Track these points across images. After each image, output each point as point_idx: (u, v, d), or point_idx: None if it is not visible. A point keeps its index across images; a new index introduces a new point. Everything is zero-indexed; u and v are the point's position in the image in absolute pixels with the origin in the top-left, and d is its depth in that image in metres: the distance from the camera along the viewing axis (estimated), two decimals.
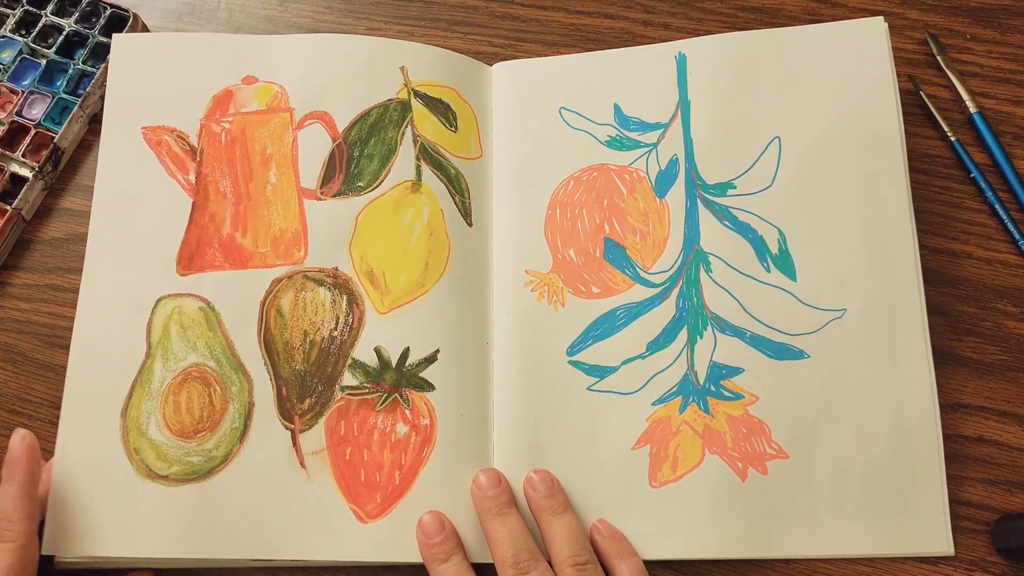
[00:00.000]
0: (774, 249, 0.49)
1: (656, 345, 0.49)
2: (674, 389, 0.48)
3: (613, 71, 0.54)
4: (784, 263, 0.49)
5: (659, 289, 0.50)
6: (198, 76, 0.54)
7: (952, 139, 0.53)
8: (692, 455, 0.47)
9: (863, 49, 0.51)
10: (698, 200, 0.51)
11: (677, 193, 0.51)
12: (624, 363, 0.48)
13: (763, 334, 0.48)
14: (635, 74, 0.54)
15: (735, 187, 0.50)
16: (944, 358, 0.49)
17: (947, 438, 0.46)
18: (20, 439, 0.44)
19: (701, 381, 0.48)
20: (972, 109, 0.53)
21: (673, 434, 0.47)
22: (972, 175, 0.52)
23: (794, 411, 0.47)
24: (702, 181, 0.51)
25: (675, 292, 0.49)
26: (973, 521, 0.46)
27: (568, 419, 0.48)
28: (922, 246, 0.50)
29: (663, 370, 0.48)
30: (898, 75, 0.51)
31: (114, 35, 0.55)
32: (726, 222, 0.50)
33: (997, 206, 0.51)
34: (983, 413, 0.48)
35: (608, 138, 0.53)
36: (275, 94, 0.53)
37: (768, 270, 0.49)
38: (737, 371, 0.48)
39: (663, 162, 0.52)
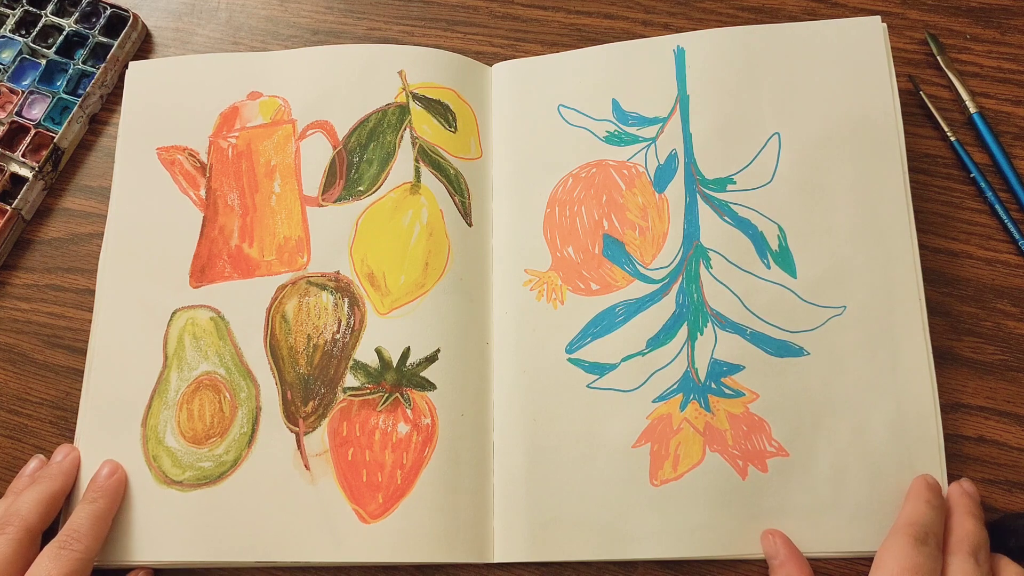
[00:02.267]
0: (774, 245, 0.49)
1: (656, 342, 0.48)
2: (675, 386, 0.48)
3: (611, 66, 0.54)
4: (784, 260, 0.49)
5: (659, 285, 0.49)
6: (206, 95, 0.55)
7: (952, 139, 0.53)
8: (693, 453, 0.46)
9: (860, 46, 0.51)
10: (697, 195, 0.50)
11: (676, 188, 0.51)
12: (624, 360, 0.48)
13: (763, 331, 0.48)
14: (633, 69, 0.54)
15: (735, 182, 0.50)
16: (944, 358, 0.49)
17: (947, 438, 0.46)
18: (111, 471, 0.47)
19: (702, 378, 0.48)
20: (972, 109, 0.53)
21: (674, 432, 0.47)
22: (972, 175, 0.52)
23: (794, 409, 0.46)
24: (701, 176, 0.51)
25: (675, 288, 0.49)
26: None
27: (568, 417, 0.48)
28: (922, 246, 0.50)
29: (663, 367, 0.48)
30: (898, 75, 0.51)
31: (130, 63, 0.57)
32: (726, 217, 0.50)
33: (997, 206, 0.51)
34: (983, 413, 0.48)
35: (607, 134, 0.53)
36: (278, 107, 0.54)
37: (768, 267, 0.49)
38: (738, 368, 0.47)
39: (662, 157, 0.51)
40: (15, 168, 0.55)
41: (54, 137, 0.55)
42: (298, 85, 0.55)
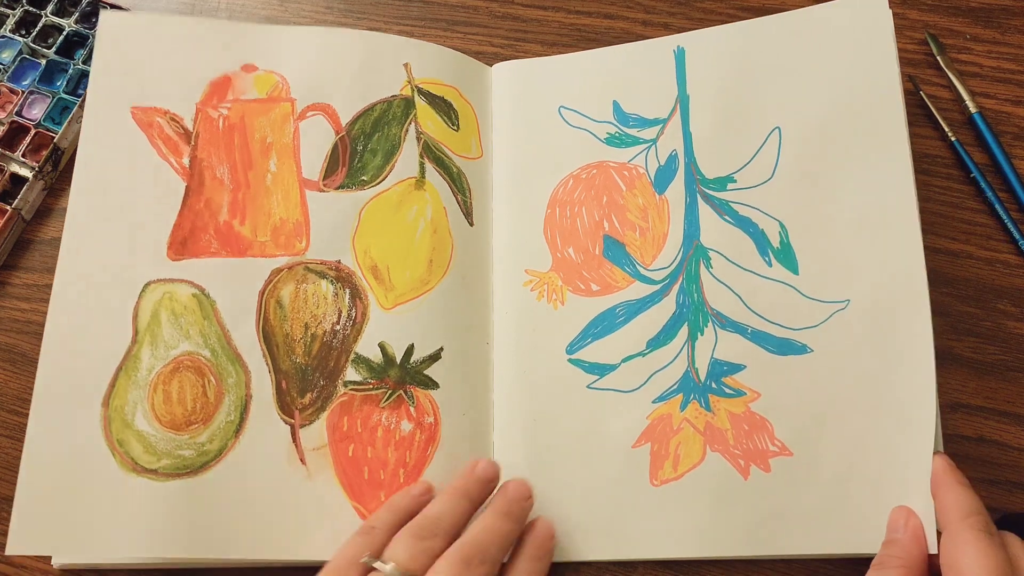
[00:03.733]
0: (775, 242, 0.48)
1: (656, 342, 0.48)
2: (675, 386, 0.47)
3: (612, 68, 0.54)
4: (786, 256, 0.48)
5: (659, 286, 0.49)
6: (193, 60, 0.52)
7: (952, 139, 0.53)
8: (693, 453, 0.46)
9: (865, 27, 0.49)
10: (698, 195, 0.50)
11: (677, 189, 0.51)
12: (624, 361, 0.48)
13: (765, 329, 0.47)
14: (634, 70, 0.53)
15: (735, 181, 0.50)
16: (944, 358, 0.49)
17: (947, 438, 0.46)
18: (527, 492, 0.45)
19: (702, 378, 0.47)
20: (972, 109, 0.53)
21: (674, 432, 0.47)
22: (972, 175, 0.52)
23: (797, 407, 0.46)
24: (702, 176, 0.50)
25: (675, 288, 0.49)
26: None
27: (568, 418, 0.48)
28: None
29: (663, 367, 0.48)
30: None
31: (101, 11, 0.53)
32: (726, 217, 0.49)
33: (997, 206, 0.52)
34: (983, 413, 0.48)
35: (607, 135, 0.52)
36: (275, 84, 0.53)
37: (770, 264, 0.48)
38: (739, 368, 0.47)
39: (662, 158, 0.51)
40: (15, 168, 0.55)
41: (54, 137, 0.55)
42: (297, 63, 0.53)
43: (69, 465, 0.44)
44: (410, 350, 0.48)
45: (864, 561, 0.44)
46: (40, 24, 0.58)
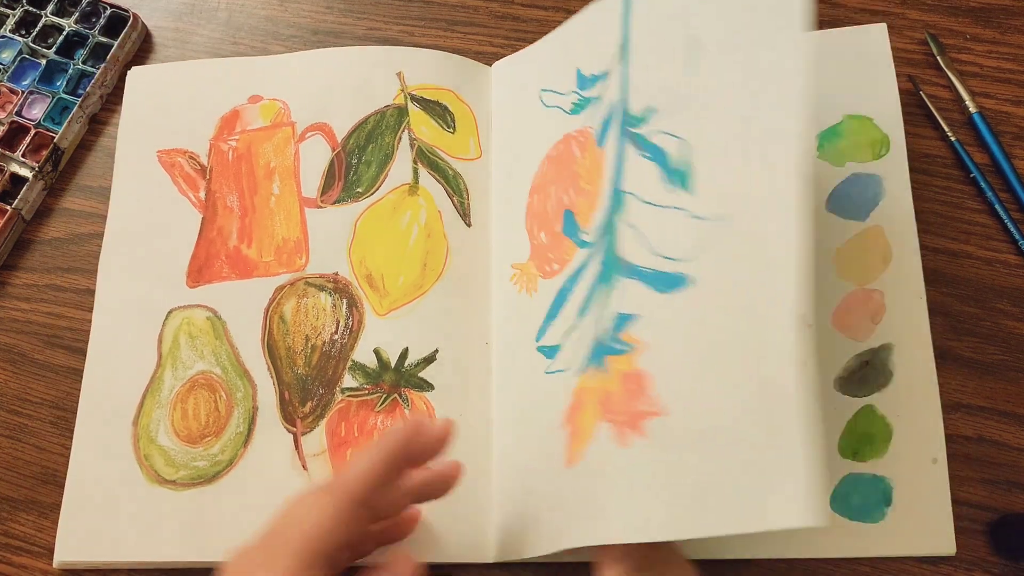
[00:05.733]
0: (675, 163, 0.40)
1: (583, 311, 0.44)
2: (590, 354, 0.42)
3: (575, 36, 0.51)
4: (682, 176, 0.40)
5: (592, 249, 0.45)
6: (207, 99, 0.56)
7: (952, 139, 0.53)
8: (590, 426, 0.40)
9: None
10: (625, 138, 0.44)
11: (613, 137, 0.45)
12: (565, 337, 0.45)
13: (656, 267, 0.39)
14: (589, 31, 0.50)
15: (656, 110, 0.42)
16: (944, 358, 0.48)
17: (947, 438, 0.46)
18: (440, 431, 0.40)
19: (607, 339, 0.41)
20: (972, 109, 0.53)
21: (582, 405, 0.42)
22: (972, 175, 0.52)
23: (679, 355, 0.37)
24: (630, 116, 0.44)
25: (601, 247, 0.44)
26: (973, 521, 0.46)
27: (535, 408, 0.45)
28: (922, 246, 0.49)
29: (585, 336, 0.43)
30: (898, 75, 0.51)
31: (131, 68, 0.57)
32: (644, 151, 0.42)
33: (997, 206, 0.51)
34: (983, 413, 0.48)
35: (572, 105, 0.50)
36: (278, 110, 0.55)
37: (671, 188, 0.40)
38: (632, 318, 0.40)
39: (605, 110, 0.46)
40: (15, 168, 0.55)
41: (54, 137, 0.55)
42: (298, 88, 0.55)
43: (105, 479, 0.48)
44: (404, 354, 0.48)
45: (862, 561, 0.44)
46: (40, 24, 0.58)
